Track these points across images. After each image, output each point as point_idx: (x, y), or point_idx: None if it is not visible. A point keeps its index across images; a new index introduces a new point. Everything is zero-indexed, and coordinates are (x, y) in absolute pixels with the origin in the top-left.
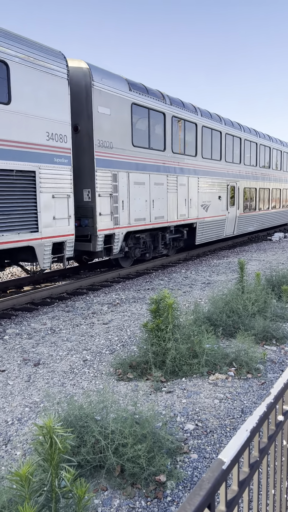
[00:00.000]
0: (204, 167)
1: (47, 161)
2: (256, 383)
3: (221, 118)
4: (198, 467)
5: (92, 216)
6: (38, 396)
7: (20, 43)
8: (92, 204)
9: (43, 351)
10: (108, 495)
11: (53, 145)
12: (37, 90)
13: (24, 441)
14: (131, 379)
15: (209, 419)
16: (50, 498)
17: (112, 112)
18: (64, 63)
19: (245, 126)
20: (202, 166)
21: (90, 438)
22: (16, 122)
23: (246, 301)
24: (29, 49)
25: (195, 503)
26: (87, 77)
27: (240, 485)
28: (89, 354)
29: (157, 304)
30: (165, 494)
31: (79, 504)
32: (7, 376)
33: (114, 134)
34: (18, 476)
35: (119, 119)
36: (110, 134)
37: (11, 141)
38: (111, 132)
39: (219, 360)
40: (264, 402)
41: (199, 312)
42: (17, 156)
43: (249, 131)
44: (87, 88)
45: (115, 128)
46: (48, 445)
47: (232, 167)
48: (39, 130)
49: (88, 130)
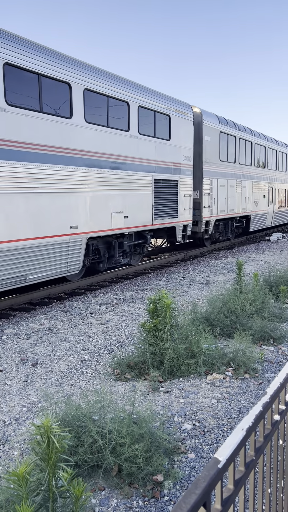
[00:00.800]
0: (256, 174)
1: (183, 173)
2: (254, 383)
3: (265, 135)
4: (196, 467)
5: (199, 208)
6: (36, 396)
7: (173, 102)
8: (199, 200)
9: (41, 351)
10: (105, 494)
11: (185, 163)
12: (180, 129)
13: (22, 441)
14: (129, 379)
15: (206, 419)
16: (48, 497)
17: (210, 139)
18: (191, 111)
19: (279, 140)
20: (254, 173)
21: (88, 438)
22: (172, 150)
23: (244, 301)
24: (177, 105)
25: (190, 502)
26: (199, 117)
27: (235, 484)
28: (87, 354)
29: (155, 304)
30: (163, 494)
31: (76, 504)
32: (4, 376)
33: (211, 153)
34: (15, 475)
35: (213, 143)
36: (209, 154)
37: (171, 162)
38: (210, 152)
39: (216, 360)
40: (260, 402)
41: (197, 312)
42: (172, 171)
43: (281, 144)
44: (199, 125)
45: (211, 149)
46: (45, 445)
47: (271, 173)
48: (180, 154)
49: (199, 152)
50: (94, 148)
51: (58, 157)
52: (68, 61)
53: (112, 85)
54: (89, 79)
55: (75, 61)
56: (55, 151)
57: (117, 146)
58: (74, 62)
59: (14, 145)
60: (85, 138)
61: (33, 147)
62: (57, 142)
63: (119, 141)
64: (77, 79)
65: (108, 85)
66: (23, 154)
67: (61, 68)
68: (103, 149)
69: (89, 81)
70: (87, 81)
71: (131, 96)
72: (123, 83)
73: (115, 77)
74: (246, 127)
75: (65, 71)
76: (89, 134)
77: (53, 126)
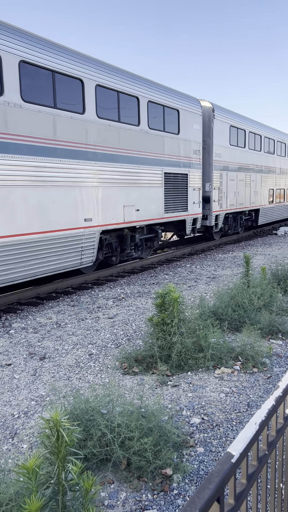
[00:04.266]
0: (265, 167)
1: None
2: (262, 377)
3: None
4: (204, 461)
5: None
6: (44, 390)
7: (182, 97)
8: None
9: (49, 345)
10: (114, 488)
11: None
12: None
13: (31, 434)
14: (136, 373)
15: (215, 413)
16: (57, 490)
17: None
18: (199, 105)
19: None
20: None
21: (97, 431)
22: (182, 144)
23: (251, 295)
24: (186, 101)
25: (204, 497)
26: (210, 111)
27: (248, 478)
28: (95, 348)
29: (163, 298)
30: (172, 487)
31: (86, 497)
32: (13, 370)
33: (221, 147)
34: (25, 469)
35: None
36: (219, 147)
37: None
38: (220, 145)
39: (224, 354)
40: (273, 396)
41: (205, 306)
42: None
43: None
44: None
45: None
46: (54, 438)
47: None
48: (190, 148)
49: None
50: (106, 143)
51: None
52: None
53: (123, 81)
54: (101, 75)
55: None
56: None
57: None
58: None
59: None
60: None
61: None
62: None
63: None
64: (89, 76)
65: (119, 81)
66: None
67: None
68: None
69: (101, 77)
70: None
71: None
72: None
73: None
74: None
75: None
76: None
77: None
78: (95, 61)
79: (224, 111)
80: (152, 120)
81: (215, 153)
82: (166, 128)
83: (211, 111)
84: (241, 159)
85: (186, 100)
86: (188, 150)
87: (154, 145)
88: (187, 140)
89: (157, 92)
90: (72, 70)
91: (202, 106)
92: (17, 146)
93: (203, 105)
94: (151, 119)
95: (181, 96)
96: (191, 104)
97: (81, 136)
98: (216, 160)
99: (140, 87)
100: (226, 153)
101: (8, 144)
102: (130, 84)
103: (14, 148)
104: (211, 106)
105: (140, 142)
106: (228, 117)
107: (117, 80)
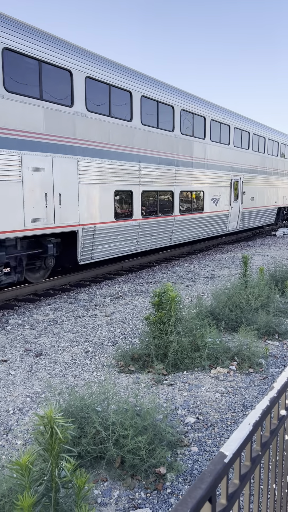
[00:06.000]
0: None
1: (221, 169)
2: (258, 378)
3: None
4: (198, 460)
5: None
6: (40, 387)
7: (211, 106)
8: None
9: (45, 342)
10: (108, 486)
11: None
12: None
13: (25, 430)
14: (132, 371)
15: (210, 413)
16: (50, 487)
17: None
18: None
19: None
20: None
21: (91, 429)
22: (209, 148)
23: (249, 296)
24: (215, 110)
25: (196, 496)
26: None
27: (241, 479)
28: (91, 346)
29: (160, 297)
30: (165, 486)
31: (79, 494)
32: (9, 366)
33: None
34: (18, 465)
35: None
36: None
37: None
38: None
39: (221, 354)
40: (267, 396)
41: (202, 306)
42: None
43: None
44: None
45: None
46: (48, 435)
47: None
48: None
49: None
50: (147, 146)
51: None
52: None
53: (161, 91)
54: (145, 88)
55: (175, 88)
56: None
57: (164, 145)
58: (175, 88)
59: None
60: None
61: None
62: (122, 142)
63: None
64: (136, 89)
65: (159, 92)
66: None
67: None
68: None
69: (145, 90)
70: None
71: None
72: (170, 89)
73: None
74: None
75: (168, 95)
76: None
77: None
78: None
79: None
80: (183, 126)
81: None
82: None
83: None
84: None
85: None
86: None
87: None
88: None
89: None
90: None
91: None
92: None
93: None
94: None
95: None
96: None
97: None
98: None
99: (175, 96)
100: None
101: None
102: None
103: None
104: None
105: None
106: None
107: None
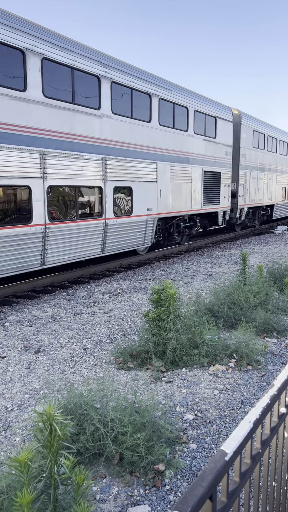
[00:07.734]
0: (281, 167)
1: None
2: (256, 375)
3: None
4: (197, 457)
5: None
6: (38, 383)
7: (219, 107)
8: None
9: (44, 338)
10: (106, 482)
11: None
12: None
13: (24, 427)
14: (131, 368)
15: (208, 410)
16: (49, 484)
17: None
18: (231, 113)
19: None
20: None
21: (90, 426)
22: (218, 148)
23: (247, 293)
24: (221, 110)
25: (197, 494)
26: (238, 118)
27: (241, 476)
28: (90, 343)
29: (159, 294)
30: (164, 483)
31: (78, 491)
32: (7, 362)
33: (246, 149)
34: (17, 462)
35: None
36: (245, 149)
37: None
38: (245, 147)
39: (219, 351)
40: (268, 394)
41: (201, 303)
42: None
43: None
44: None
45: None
46: (47, 432)
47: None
48: (223, 150)
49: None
50: (164, 146)
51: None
52: None
53: (176, 94)
54: (163, 92)
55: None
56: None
57: (179, 144)
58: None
59: None
60: (158, 137)
61: None
62: (143, 141)
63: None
64: (154, 92)
65: (174, 95)
66: None
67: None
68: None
69: (162, 94)
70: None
71: (190, 102)
72: (184, 92)
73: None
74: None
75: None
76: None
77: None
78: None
79: (249, 117)
80: (196, 126)
81: (241, 153)
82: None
83: (239, 118)
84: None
85: (221, 108)
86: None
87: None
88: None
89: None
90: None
91: (233, 114)
92: None
93: (234, 112)
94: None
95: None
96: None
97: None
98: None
99: (189, 98)
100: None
101: None
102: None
103: None
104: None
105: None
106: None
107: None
